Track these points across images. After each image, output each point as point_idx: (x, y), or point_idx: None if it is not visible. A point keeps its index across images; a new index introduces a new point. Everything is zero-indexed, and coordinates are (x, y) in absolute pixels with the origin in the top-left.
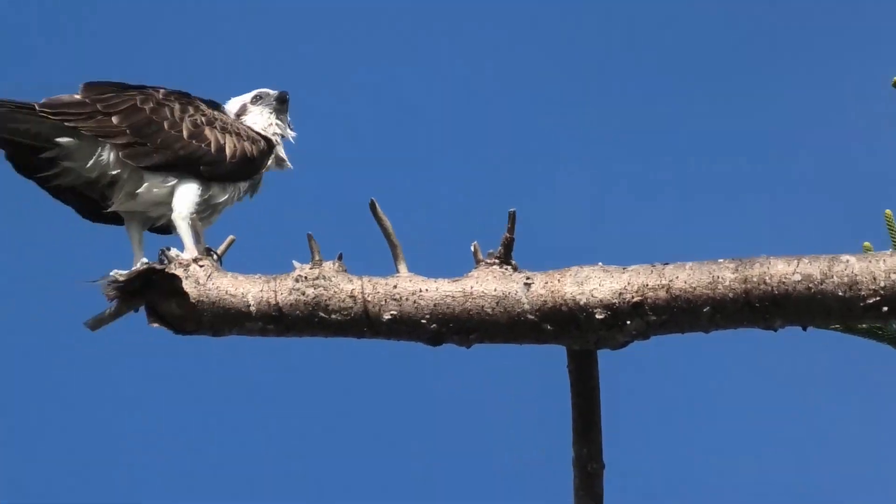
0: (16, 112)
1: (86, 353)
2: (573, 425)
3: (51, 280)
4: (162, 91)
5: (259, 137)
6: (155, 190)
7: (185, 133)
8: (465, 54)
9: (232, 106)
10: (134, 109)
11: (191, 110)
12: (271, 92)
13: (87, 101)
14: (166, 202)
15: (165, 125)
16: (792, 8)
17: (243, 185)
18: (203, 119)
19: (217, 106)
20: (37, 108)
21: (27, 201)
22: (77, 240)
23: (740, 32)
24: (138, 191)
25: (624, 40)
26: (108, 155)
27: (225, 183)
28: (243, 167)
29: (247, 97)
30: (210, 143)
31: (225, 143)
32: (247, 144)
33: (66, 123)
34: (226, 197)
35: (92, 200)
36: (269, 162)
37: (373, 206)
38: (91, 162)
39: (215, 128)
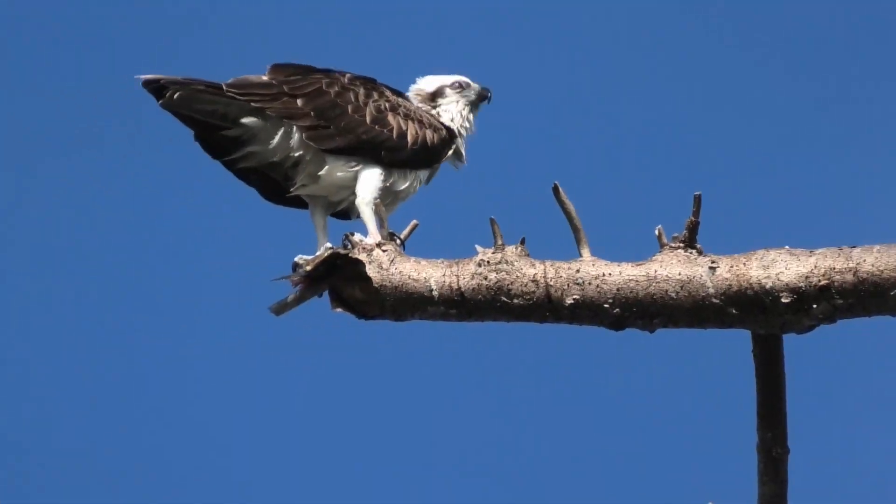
0: (204, 92)
1: (270, 336)
2: (758, 410)
3: (203, 276)
4: (348, 75)
5: (441, 126)
6: (338, 174)
7: (367, 118)
8: (646, 33)
9: (426, 84)
10: (319, 92)
11: (375, 95)
12: (473, 85)
13: (273, 82)
14: (348, 186)
15: (349, 109)
16: None
17: (423, 174)
18: (387, 105)
19: (401, 94)
20: (224, 87)
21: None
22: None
23: None
24: (320, 173)
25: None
26: (291, 136)
27: (405, 170)
28: (423, 155)
29: (447, 80)
30: (392, 128)
31: (407, 130)
32: (428, 132)
33: (252, 104)
34: (406, 185)
35: (275, 182)
36: (449, 153)
37: (556, 190)
38: (275, 143)
39: (398, 114)
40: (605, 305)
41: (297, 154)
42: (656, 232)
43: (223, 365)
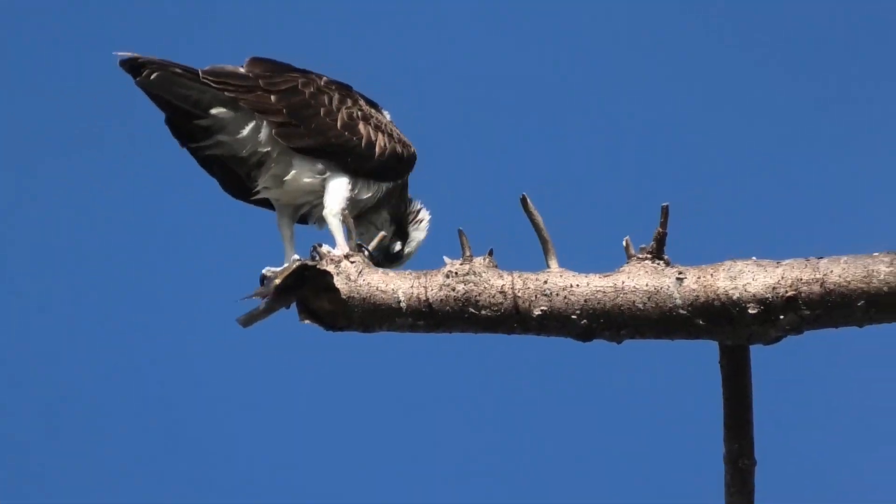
0: (180, 76)
1: (237, 349)
2: (724, 421)
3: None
4: (324, 79)
5: (409, 143)
6: (304, 179)
7: (338, 123)
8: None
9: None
10: (293, 91)
11: (349, 102)
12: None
13: (249, 74)
14: (313, 192)
15: (322, 111)
16: None
17: (386, 186)
18: (359, 113)
19: (375, 105)
20: (200, 74)
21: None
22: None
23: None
24: (286, 178)
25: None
26: (261, 131)
27: (370, 181)
28: (390, 167)
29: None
30: (362, 137)
31: (376, 141)
32: (397, 146)
33: (226, 93)
34: (369, 195)
35: (238, 178)
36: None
37: (524, 202)
38: (244, 135)
39: (369, 124)
40: (573, 317)
41: (263, 150)
42: (624, 243)
43: (205, 370)
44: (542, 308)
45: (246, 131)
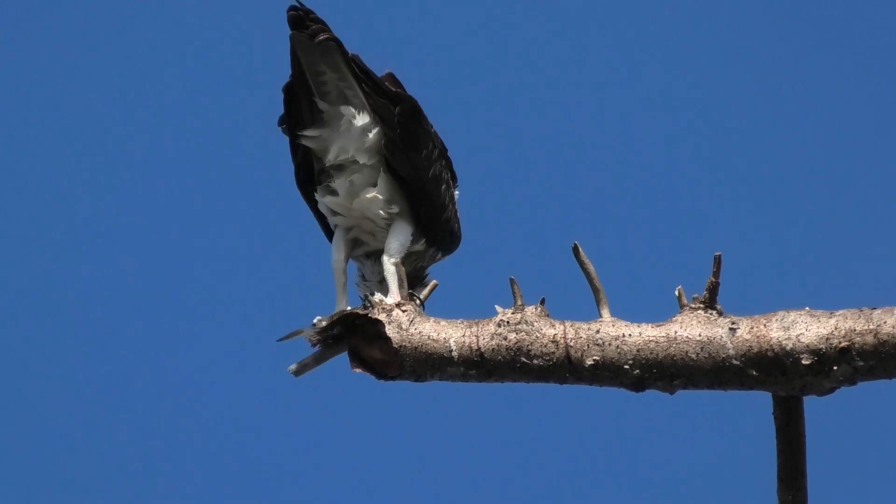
0: (340, 51)
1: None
2: (778, 472)
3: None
4: (433, 129)
5: (460, 230)
6: (376, 204)
7: (430, 172)
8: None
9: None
10: (413, 117)
11: (443, 161)
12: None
13: (387, 82)
14: (371, 219)
15: (423, 153)
16: None
17: (429, 252)
18: (446, 175)
19: (455, 178)
20: (349, 55)
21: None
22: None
23: None
24: (362, 191)
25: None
26: (368, 136)
27: (423, 239)
28: (445, 239)
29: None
30: (440, 197)
31: (447, 207)
32: (456, 225)
33: (363, 85)
34: (416, 252)
35: (311, 174)
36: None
37: (576, 250)
38: (351, 132)
39: (448, 191)
40: (626, 366)
41: (357, 156)
42: (676, 292)
43: (245, 422)
44: (595, 358)
45: (355, 130)
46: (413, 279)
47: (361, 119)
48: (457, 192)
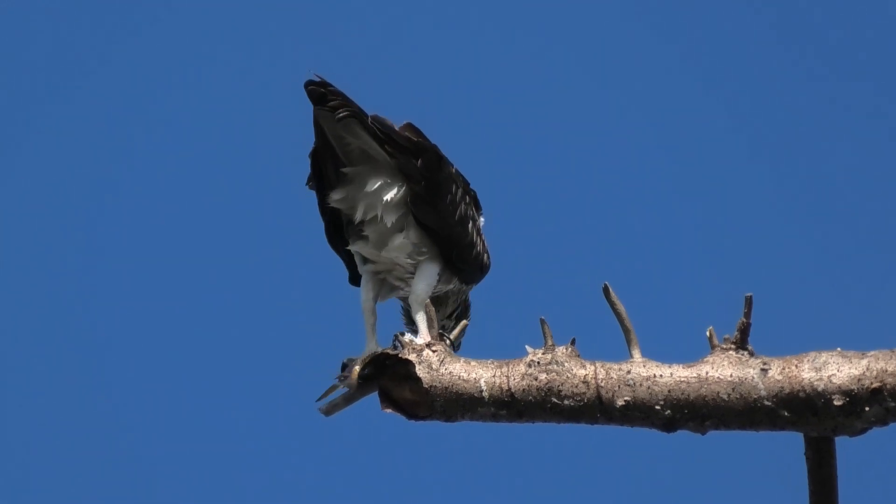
0: (359, 121)
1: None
2: None
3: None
4: (454, 168)
5: (489, 259)
6: (405, 253)
7: (457, 214)
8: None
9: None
10: (436, 167)
11: (467, 199)
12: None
13: (406, 132)
14: (401, 266)
15: (448, 198)
16: None
17: (460, 287)
18: (471, 213)
19: (479, 208)
20: (369, 119)
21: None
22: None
23: None
24: (390, 241)
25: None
26: (393, 192)
27: (454, 277)
28: (475, 272)
29: None
30: (468, 235)
31: (475, 243)
32: (485, 255)
33: (386, 146)
34: (446, 290)
35: (340, 226)
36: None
37: (606, 291)
38: (374, 189)
39: (475, 226)
40: (657, 407)
41: (384, 211)
42: (707, 333)
43: (273, 462)
44: (626, 398)
45: (380, 189)
46: (463, 312)
47: (386, 178)
48: (482, 220)
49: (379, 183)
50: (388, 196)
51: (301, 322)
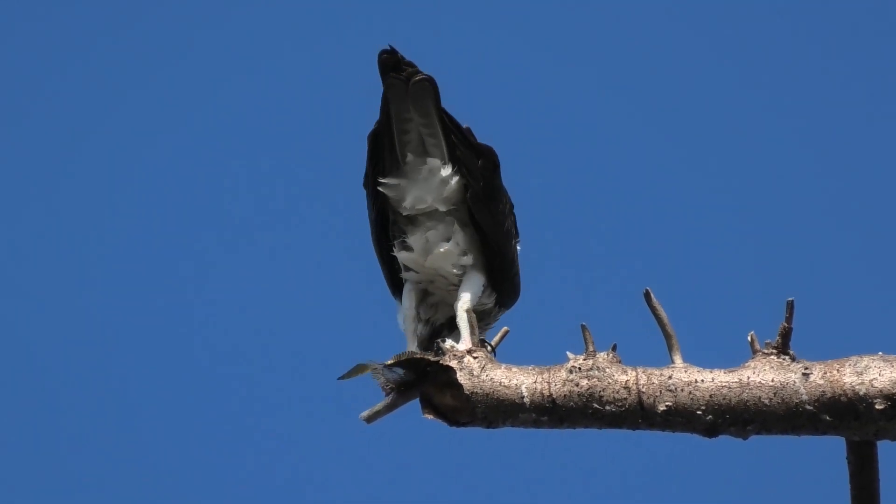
0: (433, 94)
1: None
2: None
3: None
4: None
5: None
6: (450, 262)
7: (504, 226)
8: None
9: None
10: (492, 170)
11: (513, 218)
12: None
13: (471, 134)
14: (448, 279)
15: (499, 206)
16: None
17: (497, 309)
18: (514, 231)
19: (517, 234)
20: (444, 111)
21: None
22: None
23: None
24: (437, 245)
25: None
26: (449, 186)
27: (494, 293)
28: (510, 294)
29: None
30: (510, 252)
31: (514, 262)
32: (518, 281)
33: (452, 136)
34: (488, 306)
35: (386, 228)
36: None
37: (647, 296)
38: (433, 182)
39: (516, 247)
40: (698, 412)
41: (437, 207)
42: (749, 338)
43: (318, 468)
44: (667, 403)
45: (436, 180)
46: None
47: (443, 170)
48: (518, 245)
49: (435, 174)
50: (443, 189)
51: (341, 332)
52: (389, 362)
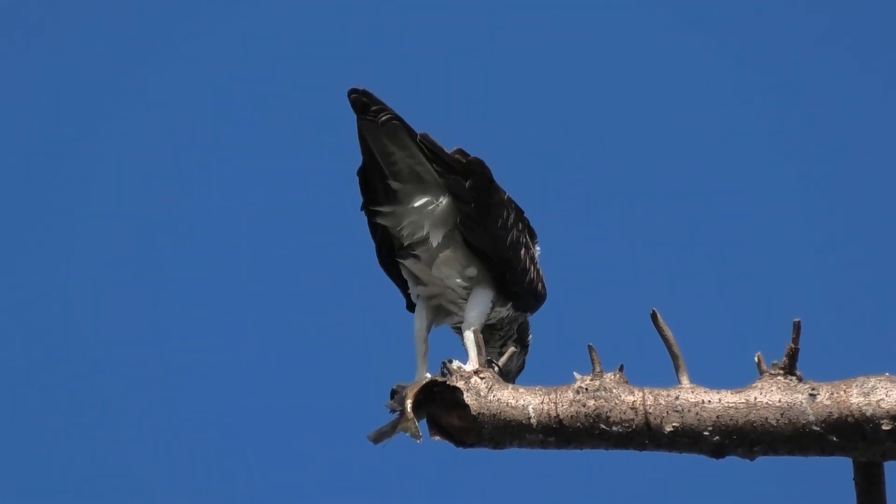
0: (405, 131)
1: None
2: None
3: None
4: (506, 195)
5: (545, 284)
6: (455, 276)
7: (508, 240)
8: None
9: None
10: (485, 189)
11: (520, 226)
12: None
13: (457, 156)
14: (452, 289)
15: (499, 222)
16: None
17: (513, 314)
18: (524, 240)
19: (534, 236)
20: (417, 136)
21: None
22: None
23: None
24: (439, 261)
25: None
26: (442, 213)
27: (508, 303)
28: (529, 300)
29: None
30: (520, 262)
31: (529, 270)
32: (539, 284)
33: (434, 165)
34: (500, 317)
35: (391, 247)
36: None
37: (654, 317)
38: (424, 211)
39: (528, 253)
40: (705, 433)
41: (433, 231)
42: (755, 359)
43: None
44: (674, 424)
45: (429, 207)
46: (520, 339)
47: (433, 197)
48: (537, 249)
49: (425, 200)
50: (435, 215)
51: (351, 347)
52: (410, 401)
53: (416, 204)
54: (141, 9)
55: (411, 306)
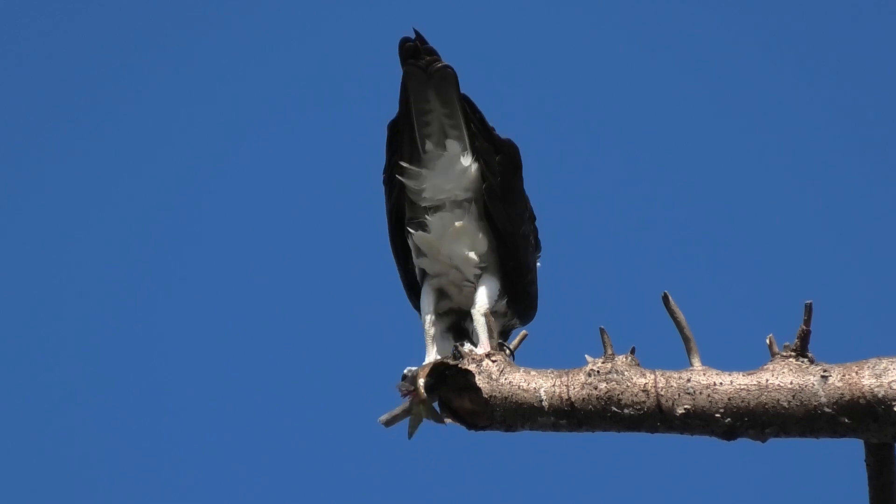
0: (454, 81)
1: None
2: None
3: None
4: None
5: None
6: (466, 249)
7: (523, 228)
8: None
9: None
10: (513, 169)
11: (532, 226)
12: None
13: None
14: (462, 271)
15: (517, 210)
16: None
17: (510, 314)
18: (533, 241)
19: (539, 247)
20: (467, 98)
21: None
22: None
23: None
24: (453, 230)
25: None
26: (467, 177)
27: (506, 298)
28: (525, 303)
29: None
30: (527, 258)
31: (531, 270)
32: (536, 291)
33: (471, 124)
34: (500, 310)
35: (402, 219)
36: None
37: (665, 299)
38: (450, 173)
39: (533, 255)
40: (717, 415)
41: (455, 196)
42: (767, 341)
43: (336, 474)
44: (686, 407)
45: (455, 169)
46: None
47: (463, 159)
48: (538, 261)
49: (455, 163)
50: (461, 179)
51: (352, 347)
52: (421, 383)
53: (443, 166)
54: (147, 8)
55: (411, 294)
